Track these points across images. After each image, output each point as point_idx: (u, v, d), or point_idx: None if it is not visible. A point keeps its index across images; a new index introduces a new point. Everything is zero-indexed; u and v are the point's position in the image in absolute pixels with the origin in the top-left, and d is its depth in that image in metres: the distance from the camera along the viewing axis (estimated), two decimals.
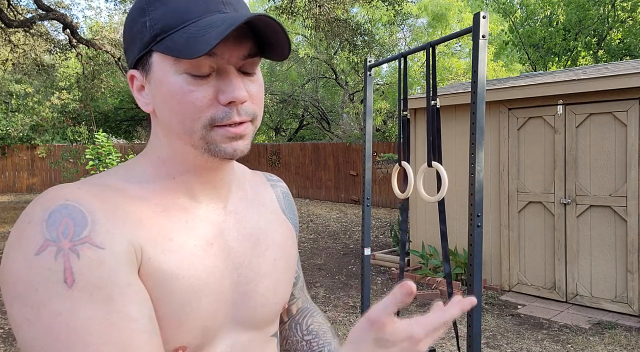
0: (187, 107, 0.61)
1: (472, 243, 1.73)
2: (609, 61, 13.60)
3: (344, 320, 4.51)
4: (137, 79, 0.66)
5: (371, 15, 15.85)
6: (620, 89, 4.44)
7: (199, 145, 0.64)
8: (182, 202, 0.67)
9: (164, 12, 0.61)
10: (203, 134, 0.62)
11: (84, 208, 0.57)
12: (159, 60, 0.62)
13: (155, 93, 0.64)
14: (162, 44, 0.60)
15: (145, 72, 0.64)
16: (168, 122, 0.64)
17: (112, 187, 0.63)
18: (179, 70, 0.61)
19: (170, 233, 0.63)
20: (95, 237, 0.55)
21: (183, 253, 0.63)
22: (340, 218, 10.61)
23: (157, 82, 0.63)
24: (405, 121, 2.15)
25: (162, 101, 0.63)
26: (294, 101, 17.96)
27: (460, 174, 5.56)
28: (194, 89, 0.61)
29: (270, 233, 0.77)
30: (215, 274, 0.66)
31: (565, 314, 4.63)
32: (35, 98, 16.43)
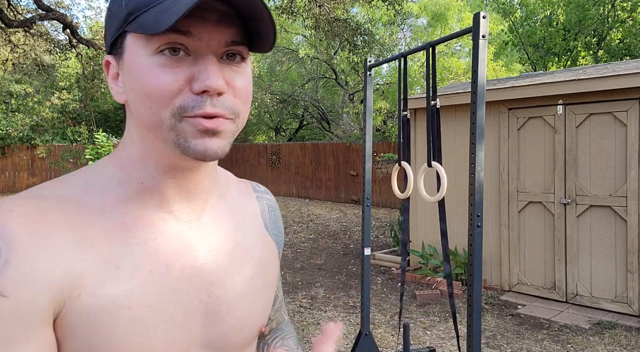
0: (155, 91, 0.54)
1: (472, 243, 1.74)
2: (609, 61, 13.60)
3: (344, 320, 4.51)
4: (112, 66, 0.59)
5: (371, 15, 15.86)
6: (620, 89, 4.44)
7: (168, 138, 0.56)
8: (147, 214, 0.59)
9: None
10: (172, 124, 0.55)
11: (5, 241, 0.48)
12: (131, 41, 0.56)
13: (126, 78, 0.57)
14: (134, 23, 0.54)
15: (119, 56, 0.58)
16: (138, 111, 0.57)
17: (66, 200, 0.55)
18: (150, 51, 0.54)
19: (121, 258, 0.55)
20: (1, 281, 0.47)
21: (134, 281, 0.55)
22: (340, 218, 10.61)
23: (128, 66, 0.56)
24: (405, 121, 2.15)
25: (131, 87, 0.56)
26: (294, 101, 17.96)
27: (460, 174, 5.56)
28: (165, 72, 0.54)
29: (249, 249, 0.69)
30: (174, 299, 0.58)
31: (565, 314, 4.64)
32: (35, 98, 16.43)
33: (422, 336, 4.17)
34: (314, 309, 4.81)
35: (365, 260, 2.46)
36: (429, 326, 4.39)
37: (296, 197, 14.38)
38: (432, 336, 4.17)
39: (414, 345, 3.97)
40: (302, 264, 6.71)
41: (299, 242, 8.14)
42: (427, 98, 1.96)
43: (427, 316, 4.62)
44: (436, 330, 4.29)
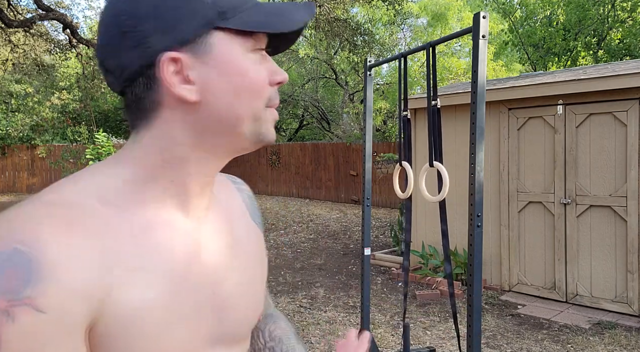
0: (257, 85, 0.59)
1: (472, 243, 1.74)
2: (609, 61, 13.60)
3: (344, 320, 4.51)
4: (182, 64, 0.56)
5: (371, 15, 15.86)
6: (620, 89, 4.44)
7: (251, 128, 0.60)
8: (166, 214, 0.59)
9: None
10: (261, 115, 0.61)
11: (38, 257, 0.46)
12: (225, 39, 0.57)
13: (214, 77, 0.57)
14: (233, 21, 0.57)
15: (201, 54, 0.57)
16: (224, 106, 0.58)
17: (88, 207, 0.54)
18: (247, 48, 0.58)
19: (144, 261, 0.55)
20: (40, 297, 0.45)
21: (157, 283, 0.55)
22: (340, 218, 10.61)
23: (220, 64, 0.57)
24: (405, 121, 2.15)
25: (226, 86, 0.58)
26: (294, 101, 17.96)
27: (461, 174, 5.56)
28: (261, 67, 0.60)
29: (245, 243, 0.71)
30: (190, 297, 0.59)
31: (565, 314, 4.64)
32: (35, 98, 16.44)
33: (422, 336, 4.17)
34: (314, 309, 4.81)
35: (365, 260, 2.46)
36: (429, 326, 4.39)
37: (296, 197, 14.38)
38: (432, 336, 4.17)
39: (414, 345, 3.97)
40: (302, 264, 6.71)
41: (299, 242, 8.14)
42: (428, 98, 1.96)
43: (427, 316, 4.62)
44: (436, 330, 4.29)
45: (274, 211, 11.80)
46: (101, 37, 0.58)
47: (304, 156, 14.33)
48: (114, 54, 0.57)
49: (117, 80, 0.58)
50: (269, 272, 6.24)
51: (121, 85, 0.59)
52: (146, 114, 0.59)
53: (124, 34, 0.56)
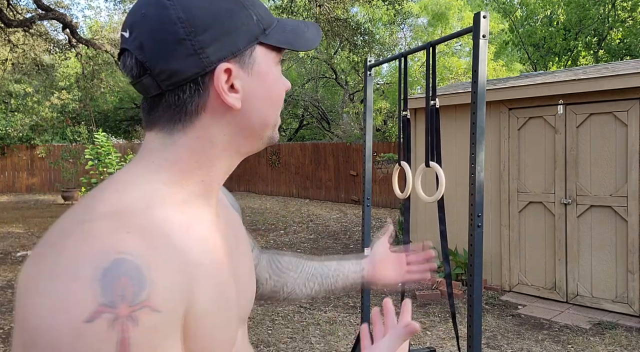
0: (282, 95, 0.68)
1: (473, 243, 1.73)
2: (609, 61, 13.59)
3: (344, 320, 4.50)
4: (232, 74, 0.61)
5: (371, 15, 15.85)
6: (620, 89, 4.43)
7: (269, 133, 0.68)
8: (199, 211, 0.64)
9: (262, 8, 0.65)
10: (278, 121, 0.69)
11: (141, 262, 0.49)
12: (264, 53, 0.64)
13: (254, 87, 0.63)
14: (272, 38, 0.64)
15: (247, 65, 0.62)
16: (258, 114, 0.65)
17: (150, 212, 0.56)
18: (275, 62, 0.66)
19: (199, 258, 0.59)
20: (154, 298, 0.49)
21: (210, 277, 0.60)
22: (340, 218, 10.60)
23: (261, 75, 0.64)
24: (405, 121, 2.14)
25: (263, 95, 0.65)
26: (294, 101, 17.96)
27: (461, 174, 5.55)
28: (283, 78, 0.68)
29: (238, 229, 0.79)
30: (227, 285, 0.64)
31: (566, 314, 4.63)
32: (35, 98, 16.43)
33: (422, 336, 4.16)
34: (314, 309, 4.81)
35: None
36: (429, 326, 4.38)
37: (296, 197, 14.37)
38: (432, 336, 4.17)
39: (414, 345, 3.96)
40: None
41: (299, 242, 8.14)
42: (427, 98, 1.95)
43: (427, 316, 4.62)
44: (436, 330, 4.28)
45: (274, 211, 11.79)
46: (147, 39, 0.58)
47: (304, 156, 14.32)
48: (166, 59, 0.58)
49: (160, 84, 0.59)
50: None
51: (162, 89, 0.60)
52: (186, 117, 0.61)
53: (181, 41, 0.58)
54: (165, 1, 0.58)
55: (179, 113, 0.61)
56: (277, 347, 3.92)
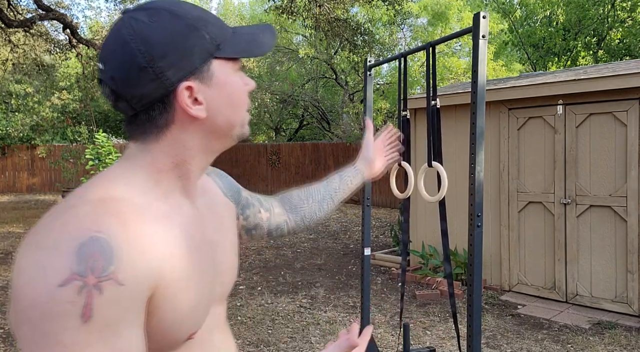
0: (243, 98, 0.76)
1: (472, 243, 1.73)
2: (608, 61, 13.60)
3: (344, 320, 4.51)
4: (193, 89, 0.70)
5: (371, 15, 15.85)
6: (620, 89, 4.44)
7: (239, 131, 0.77)
8: (178, 202, 0.74)
9: (215, 26, 0.72)
10: (245, 120, 0.78)
11: (114, 241, 0.58)
12: (220, 65, 0.72)
13: (215, 96, 0.72)
14: (225, 50, 0.72)
15: (206, 79, 0.71)
16: (224, 118, 0.74)
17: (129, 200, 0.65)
18: (235, 69, 0.75)
19: (177, 242, 0.68)
20: (119, 273, 0.57)
21: (190, 256, 0.69)
22: (340, 218, 10.61)
23: (220, 85, 0.72)
24: (405, 121, 2.15)
25: (225, 102, 0.73)
26: (294, 101, 17.95)
27: (461, 174, 5.56)
28: (244, 83, 0.76)
29: (225, 218, 0.88)
30: (206, 267, 0.74)
31: (565, 314, 4.64)
32: (35, 98, 16.42)
33: (422, 336, 4.17)
34: (314, 309, 4.81)
35: (365, 260, 2.46)
36: (429, 326, 4.39)
37: None
38: (432, 336, 4.17)
39: (414, 345, 3.96)
40: (302, 264, 6.71)
41: (299, 242, 8.14)
42: (427, 98, 1.96)
43: (427, 316, 4.62)
44: (436, 330, 4.29)
45: None
46: (116, 71, 0.68)
47: (304, 156, 14.32)
48: (133, 86, 0.68)
49: (134, 106, 0.70)
50: (268, 272, 6.25)
51: (136, 110, 0.70)
52: (158, 129, 0.71)
53: (143, 69, 0.67)
54: (126, 37, 0.67)
55: (151, 127, 0.71)
56: (277, 347, 3.93)
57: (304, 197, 1.17)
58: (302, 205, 1.16)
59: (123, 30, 0.68)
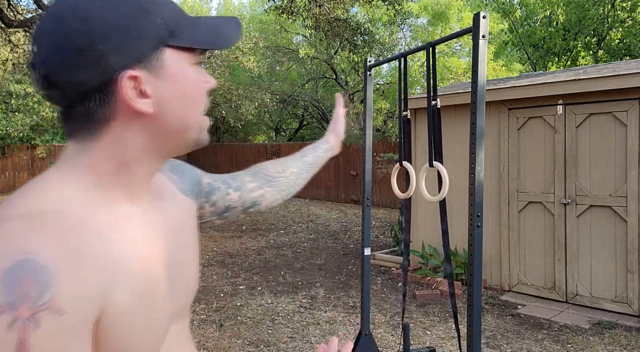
0: (202, 95, 0.67)
1: (472, 243, 1.74)
2: (608, 61, 13.60)
3: (344, 320, 4.51)
4: (139, 80, 0.61)
5: (371, 15, 15.85)
6: (620, 89, 4.44)
7: (195, 133, 0.67)
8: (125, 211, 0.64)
9: (172, 11, 0.64)
10: (203, 123, 0.68)
11: (48, 263, 0.49)
12: (174, 55, 0.63)
13: (166, 90, 0.63)
14: (181, 39, 0.63)
15: (155, 69, 0.62)
16: (175, 116, 0.64)
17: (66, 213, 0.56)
18: (192, 62, 0.65)
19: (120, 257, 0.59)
20: (59, 299, 0.49)
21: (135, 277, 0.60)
22: (340, 218, 10.61)
23: (171, 78, 0.63)
24: (405, 121, 2.15)
25: (176, 97, 0.64)
26: (294, 101, 17.96)
27: (461, 174, 5.56)
28: (202, 79, 0.67)
29: (184, 220, 0.78)
30: (157, 283, 0.65)
31: (565, 314, 4.64)
32: (35, 98, 16.42)
33: (422, 336, 4.17)
34: (314, 309, 4.81)
35: (365, 260, 2.46)
36: (429, 326, 4.39)
37: (296, 197, 14.37)
38: (432, 336, 4.18)
39: (414, 345, 3.97)
40: (302, 264, 6.71)
41: (299, 242, 8.14)
42: (428, 98, 1.96)
43: (427, 316, 4.62)
44: (436, 330, 4.29)
45: (274, 211, 11.79)
46: (49, 53, 0.58)
47: None
48: (67, 71, 0.58)
49: (67, 95, 0.60)
50: (268, 272, 6.25)
51: (71, 100, 0.60)
52: (97, 125, 0.61)
53: (80, 51, 0.57)
54: (64, 13, 0.58)
55: (89, 122, 0.61)
56: (277, 347, 3.93)
57: (280, 169, 1.12)
58: (278, 177, 1.10)
59: (60, 6, 0.59)
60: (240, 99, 15.63)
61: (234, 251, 7.55)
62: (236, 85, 16.01)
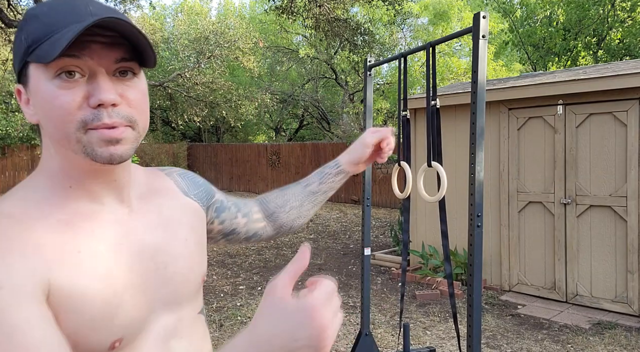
0: (58, 111, 0.64)
1: (472, 243, 1.74)
2: (608, 61, 13.60)
3: (344, 320, 4.51)
4: (23, 93, 0.69)
5: (371, 15, 15.85)
6: (620, 89, 4.44)
7: (77, 149, 0.66)
8: (85, 209, 0.70)
9: (35, 26, 0.65)
10: (78, 137, 0.65)
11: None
12: (33, 70, 0.65)
13: (35, 102, 0.67)
14: (33, 54, 0.64)
15: (26, 84, 0.67)
16: (48, 129, 0.67)
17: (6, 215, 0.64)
18: (49, 76, 0.64)
19: (78, 246, 0.66)
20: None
21: (96, 260, 0.67)
22: (340, 218, 10.61)
23: (34, 91, 0.66)
24: (405, 121, 2.15)
25: (40, 109, 0.66)
26: (294, 101, 17.95)
27: (461, 174, 5.56)
28: (63, 93, 0.63)
29: (177, 217, 0.83)
30: (132, 269, 0.71)
31: (565, 314, 4.63)
32: None
33: (422, 336, 4.17)
34: None
35: (365, 260, 2.46)
36: (429, 326, 4.39)
37: None
38: (432, 336, 4.17)
39: (414, 345, 3.96)
40: None
41: (299, 242, 8.14)
42: (427, 98, 1.96)
43: (427, 316, 4.62)
44: (436, 330, 4.29)
45: None
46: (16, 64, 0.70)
47: (304, 156, 14.32)
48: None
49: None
50: (268, 272, 6.25)
51: None
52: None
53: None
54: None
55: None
56: None
57: (280, 203, 1.09)
58: (279, 213, 1.08)
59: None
60: (240, 99, 15.64)
61: (234, 251, 7.55)
62: (236, 85, 16.02)
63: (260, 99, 15.74)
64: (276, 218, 1.08)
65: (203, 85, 14.70)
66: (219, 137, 20.09)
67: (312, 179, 1.14)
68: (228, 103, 15.43)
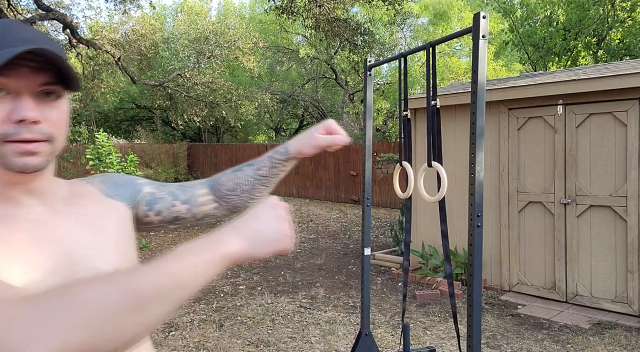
0: None
1: (472, 243, 1.74)
2: (608, 61, 13.60)
3: (344, 320, 4.51)
4: None
5: (371, 15, 15.85)
6: (620, 89, 4.44)
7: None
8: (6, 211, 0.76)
9: None
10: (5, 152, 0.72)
11: None
12: None
13: None
14: None
15: None
16: None
17: None
18: None
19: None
20: None
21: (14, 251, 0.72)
22: (340, 218, 10.61)
23: None
24: (405, 121, 2.15)
25: None
26: (294, 101, 17.95)
27: (461, 174, 5.56)
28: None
29: (101, 217, 0.90)
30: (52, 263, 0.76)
31: (565, 314, 4.64)
32: None
33: (422, 336, 4.17)
34: (314, 309, 4.81)
35: (365, 260, 2.46)
36: (429, 326, 4.39)
37: (296, 197, 14.37)
38: (432, 336, 4.17)
39: (414, 345, 3.97)
40: (302, 264, 6.71)
41: (299, 242, 8.14)
42: (427, 98, 1.96)
43: (427, 316, 4.62)
44: (436, 330, 4.29)
45: None
46: None
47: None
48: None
49: None
50: (268, 272, 6.25)
51: None
52: None
53: None
54: None
55: None
56: (277, 347, 3.93)
57: (231, 187, 1.13)
58: (230, 196, 1.13)
59: None
60: (240, 99, 15.64)
61: None
62: (236, 85, 16.02)
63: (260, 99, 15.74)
64: (229, 200, 1.12)
65: (203, 85, 14.70)
66: (219, 137, 20.09)
67: (264, 162, 1.17)
68: (228, 103, 15.43)
